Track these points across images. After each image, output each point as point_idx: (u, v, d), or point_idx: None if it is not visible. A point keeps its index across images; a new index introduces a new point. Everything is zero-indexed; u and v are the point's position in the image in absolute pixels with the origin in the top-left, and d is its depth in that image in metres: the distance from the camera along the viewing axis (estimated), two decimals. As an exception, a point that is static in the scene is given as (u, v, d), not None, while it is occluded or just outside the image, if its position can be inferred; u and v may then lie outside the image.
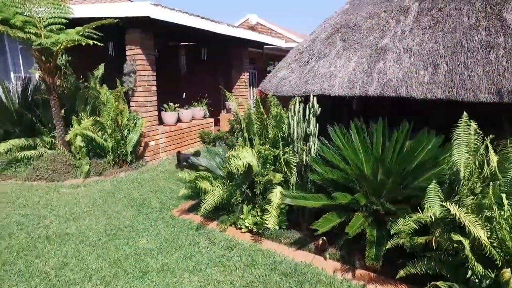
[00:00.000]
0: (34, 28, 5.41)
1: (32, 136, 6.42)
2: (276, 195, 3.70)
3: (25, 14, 5.43)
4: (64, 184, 5.63)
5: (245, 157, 3.50)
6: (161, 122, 7.48)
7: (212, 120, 8.99)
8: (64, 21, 5.75)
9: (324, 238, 3.39)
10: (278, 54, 12.44)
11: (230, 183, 4.00)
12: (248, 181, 3.96)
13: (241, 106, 10.20)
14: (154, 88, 6.95)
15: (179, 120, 7.90)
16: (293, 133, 3.98)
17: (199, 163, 4.69)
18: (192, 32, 7.74)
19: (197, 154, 5.60)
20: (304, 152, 3.94)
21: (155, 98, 6.99)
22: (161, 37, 8.75)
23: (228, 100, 9.89)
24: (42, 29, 5.53)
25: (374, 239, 3.04)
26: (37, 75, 6.63)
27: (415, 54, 4.13)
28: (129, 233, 4.01)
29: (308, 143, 3.96)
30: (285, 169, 3.94)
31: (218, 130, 9.55)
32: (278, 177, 3.73)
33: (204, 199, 3.82)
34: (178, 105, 7.87)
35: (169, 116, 7.53)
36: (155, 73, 6.91)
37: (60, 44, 5.35)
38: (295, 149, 4.01)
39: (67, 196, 5.11)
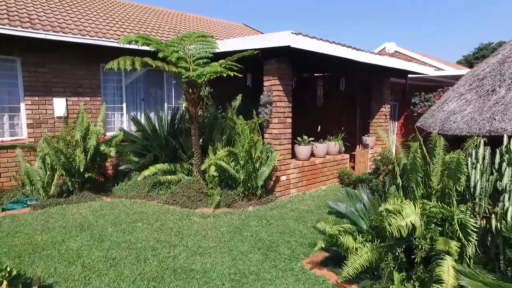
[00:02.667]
0: (185, 63, 5.81)
1: (174, 161, 6.85)
2: (448, 272, 2.62)
3: (180, 52, 5.90)
4: (196, 212, 5.66)
5: (408, 215, 2.59)
6: (293, 156, 7.07)
7: (347, 156, 8.14)
8: (210, 55, 6.03)
9: None
10: (425, 85, 10.84)
11: (380, 243, 3.10)
12: (405, 243, 2.99)
13: (380, 142, 9.07)
14: (290, 120, 6.63)
15: (312, 154, 7.35)
16: (475, 187, 2.87)
17: (337, 209, 3.94)
18: (330, 61, 7.25)
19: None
20: (493, 214, 2.76)
21: (289, 130, 6.65)
22: (298, 67, 8.57)
23: (367, 135, 8.91)
24: (191, 63, 5.89)
25: None
26: (183, 105, 7.15)
27: None
28: (254, 282, 3.51)
29: (499, 203, 2.77)
30: (460, 235, 2.83)
31: (353, 167, 8.60)
32: (454, 246, 2.66)
33: (348, 261, 3.02)
34: (313, 138, 7.34)
35: (302, 150, 7.07)
36: (291, 105, 6.61)
37: (204, 76, 5.55)
38: (477, 209, 2.87)
39: (197, 226, 5.05)
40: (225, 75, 5.47)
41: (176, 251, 4.20)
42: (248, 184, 6.08)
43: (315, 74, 10.73)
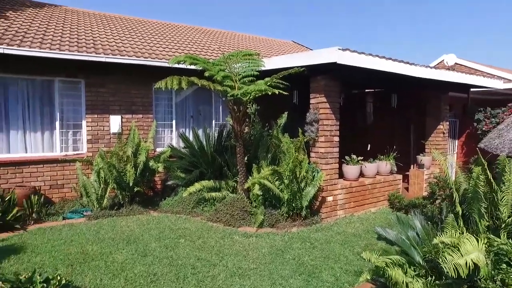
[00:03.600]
0: (231, 82, 5.89)
1: (219, 178, 6.90)
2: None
3: (226, 70, 6.01)
4: (239, 230, 5.59)
5: (468, 252, 2.27)
6: (341, 175, 6.76)
7: (400, 177, 7.60)
8: (256, 73, 6.05)
9: None
10: (492, 99, 9.90)
11: (435, 281, 2.75)
12: (466, 284, 2.62)
13: (437, 163, 8.37)
14: (337, 139, 6.38)
15: (361, 174, 6.98)
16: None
17: (386, 236, 3.62)
18: (380, 77, 6.92)
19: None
20: None
21: (337, 149, 6.39)
22: (346, 84, 8.30)
23: (423, 154, 8.29)
24: (237, 82, 5.95)
25: None
26: (230, 122, 7.24)
27: None
28: (293, 311, 3.31)
29: None
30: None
31: (407, 189, 8.01)
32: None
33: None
34: (362, 158, 6.98)
35: (351, 170, 6.74)
36: (338, 123, 6.37)
37: (249, 95, 5.57)
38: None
39: (238, 245, 4.96)
40: (270, 93, 5.44)
41: (216, 271, 4.14)
42: (293, 204, 5.90)
43: (365, 90, 10.34)
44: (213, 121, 8.77)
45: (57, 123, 6.99)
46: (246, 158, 6.54)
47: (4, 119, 6.62)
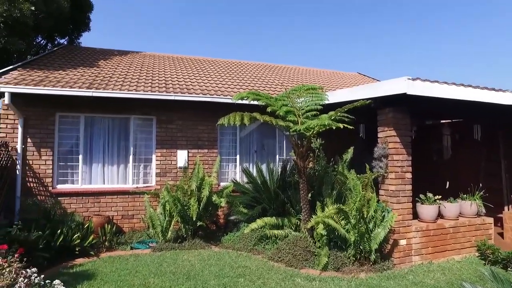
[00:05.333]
0: (293, 117, 5.79)
1: (282, 215, 6.67)
2: None
3: (288, 105, 5.96)
4: (301, 272, 5.23)
5: None
6: (415, 216, 6.07)
7: (490, 220, 6.56)
8: (319, 107, 5.90)
9: None
10: None
11: None
12: None
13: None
14: (409, 176, 5.80)
15: (440, 216, 6.20)
16: None
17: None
18: (459, 106, 6.24)
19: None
20: None
21: (409, 187, 5.80)
22: (417, 114, 7.68)
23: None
24: (300, 116, 5.84)
25: None
26: (293, 158, 7.08)
27: None
28: None
29: None
30: None
31: (500, 235, 6.88)
32: None
33: None
34: (440, 197, 6.23)
35: (426, 210, 6.03)
36: (410, 158, 5.83)
37: (312, 130, 5.39)
38: None
39: (300, 291, 4.61)
40: (334, 127, 5.20)
41: (275, 318, 3.85)
42: (360, 247, 5.39)
43: (440, 121, 9.45)
44: (277, 156, 8.70)
45: (131, 157, 7.54)
46: (309, 195, 6.25)
47: (89, 153, 7.36)
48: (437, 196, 6.19)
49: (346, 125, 5.19)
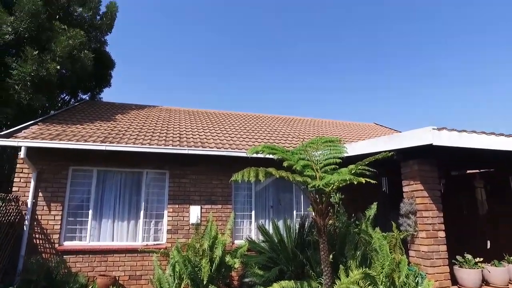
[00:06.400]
0: (311, 171, 5.46)
1: (301, 278, 6.06)
2: None
3: (305, 159, 5.67)
4: None
5: None
6: (454, 281, 5.38)
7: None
8: (338, 160, 5.58)
9: None
10: None
11: None
12: None
13: None
14: (442, 234, 5.26)
15: (484, 281, 5.48)
16: None
17: None
18: (489, 156, 5.83)
19: None
20: None
21: (444, 247, 5.23)
22: (443, 165, 7.23)
23: None
24: (318, 171, 5.52)
25: None
26: (312, 215, 6.64)
27: None
28: None
29: None
30: None
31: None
32: None
33: None
34: (481, 259, 5.57)
35: (467, 275, 5.36)
36: (441, 214, 5.32)
37: (332, 185, 5.02)
38: None
39: None
40: (355, 182, 4.84)
41: None
42: (392, 319, 4.71)
43: (471, 172, 8.88)
44: (294, 212, 8.23)
45: (142, 213, 7.24)
46: (331, 257, 5.69)
47: (99, 208, 7.12)
48: (478, 258, 5.54)
49: (368, 180, 4.83)
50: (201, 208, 7.45)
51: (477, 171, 8.64)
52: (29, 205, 6.54)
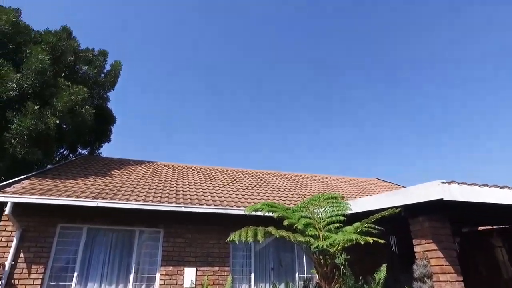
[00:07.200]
0: (314, 230, 5.11)
1: None
2: None
3: (307, 217, 5.34)
4: None
5: None
6: None
7: None
8: (342, 218, 5.24)
9: None
10: None
11: None
12: None
13: None
14: (464, 302, 4.73)
15: None
16: None
17: None
18: (503, 211, 5.48)
19: None
20: None
21: (466, 318, 4.67)
22: (453, 221, 6.80)
23: None
24: (321, 230, 5.15)
25: None
26: (316, 279, 6.09)
27: None
28: None
29: None
30: None
31: None
32: None
33: None
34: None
35: None
36: (461, 278, 4.83)
37: (337, 245, 4.63)
38: None
39: None
40: (362, 242, 4.46)
41: None
42: None
43: (484, 228, 8.36)
44: (297, 274, 7.61)
45: (132, 276, 6.66)
46: (339, 328, 5.08)
47: (86, 271, 6.56)
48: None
49: (375, 239, 4.45)
50: (197, 270, 6.88)
51: (491, 227, 8.15)
52: (6, 267, 6.01)
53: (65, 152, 14.12)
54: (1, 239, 6.23)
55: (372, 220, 4.80)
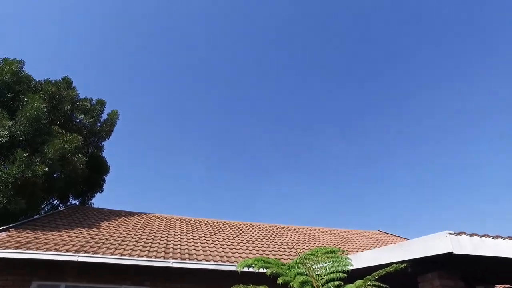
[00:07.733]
0: (312, 288, 4.63)
1: None
2: None
3: (304, 273, 4.88)
4: None
5: None
6: None
7: None
8: (342, 275, 4.78)
9: None
10: None
11: None
12: None
13: None
14: None
15: None
16: None
17: None
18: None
19: None
20: None
21: None
22: (464, 278, 6.26)
23: None
24: (320, 287, 4.67)
25: None
26: None
27: None
28: None
29: None
30: None
31: None
32: None
33: None
34: None
35: None
36: None
37: (339, 307, 4.15)
38: None
39: None
40: (367, 303, 3.99)
41: None
42: None
43: (507, 286, 7.73)
44: None
45: None
46: None
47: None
48: None
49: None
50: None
51: (510, 286, 7.53)
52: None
53: (55, 202, 13.65)
54: (-32, 299, 5.66)
55: (376, 277, 4.37)
